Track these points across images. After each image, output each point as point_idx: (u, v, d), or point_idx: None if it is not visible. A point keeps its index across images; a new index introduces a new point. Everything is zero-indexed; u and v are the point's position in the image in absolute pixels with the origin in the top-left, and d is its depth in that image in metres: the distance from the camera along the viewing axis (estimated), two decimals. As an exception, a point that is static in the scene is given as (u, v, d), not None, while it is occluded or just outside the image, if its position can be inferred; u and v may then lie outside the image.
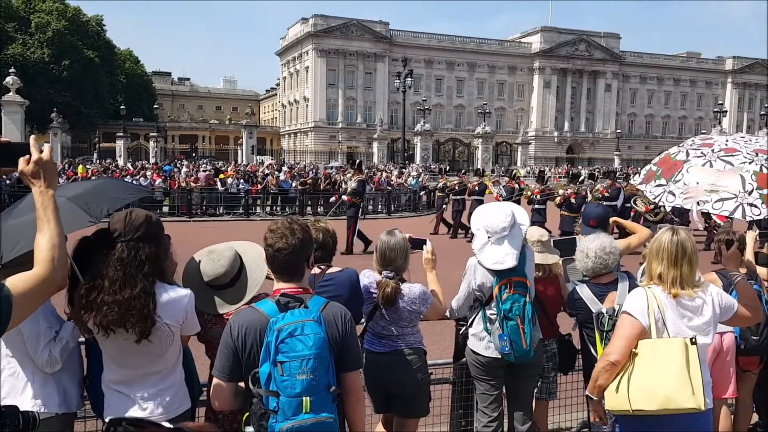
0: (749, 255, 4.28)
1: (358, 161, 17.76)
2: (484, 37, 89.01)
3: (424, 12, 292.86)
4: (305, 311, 2.33)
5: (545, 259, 4.08)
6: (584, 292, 3.81)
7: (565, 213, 14.23)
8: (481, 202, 16.38)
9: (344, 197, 15.16)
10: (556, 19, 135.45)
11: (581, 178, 17.68)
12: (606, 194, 16.00)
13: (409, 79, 40.55)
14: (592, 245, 3.77)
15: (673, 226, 3.10)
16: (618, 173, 21.95)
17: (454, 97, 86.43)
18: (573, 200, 14.23)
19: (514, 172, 18.19)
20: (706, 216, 14.99)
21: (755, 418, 4.85)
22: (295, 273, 2.47)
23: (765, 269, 4.52)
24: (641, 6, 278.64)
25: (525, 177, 27.77)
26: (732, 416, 4.45)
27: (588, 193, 16.87)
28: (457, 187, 17.40)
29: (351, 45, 78.94)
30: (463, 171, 43.62)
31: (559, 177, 45.37)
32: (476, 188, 16.81)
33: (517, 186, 16.40)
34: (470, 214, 16.72)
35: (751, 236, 4.35)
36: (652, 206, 14.26)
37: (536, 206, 15.26)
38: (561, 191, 15.29)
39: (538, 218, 14.72)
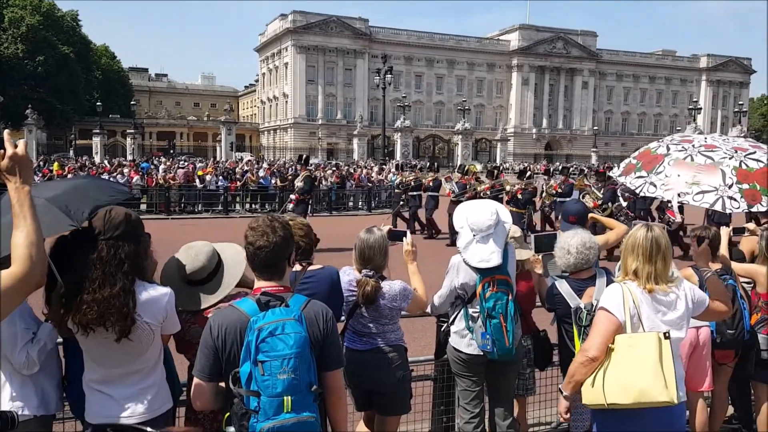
0: (723, 250, 4.36)
1: (305, 156, 17.48)
2: (463, 35, 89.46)
3: (404, 9, 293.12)
4: (286, 310, 2.31)
5: (519, 254, 4.10)
6: (563, 287, 3.84)
7: (513, 209, 13.96)
8: (435, 198, 16.41)
9: (292, 196, 14.89)
10: (534, 17, 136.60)
11: (528, 174, 17.54)
12: (559, 190, 15.86)
13: (389, 75, 40.55)
14: (572, 241, 3.80)
15: (648, 222, 3.14)
16: (572, 169, 21.88)
17: (434, 93, 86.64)
18: (520, 196, 14.11)
19: (466, 168, 18.02)
20: (660, 212, 15.25)
21: (731, 410, 4.92)
22: (276, 271, 2.45)
23: (740, 264, 4.60)
24: (617, 4, 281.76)
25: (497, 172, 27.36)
26: (708, 409, 4.52)
27: (543, 189, 16.80)
28: (412, 183, 17.24)
29: (330, 41, 78.69)
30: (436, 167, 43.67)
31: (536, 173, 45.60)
32: (431, 184, 16.65)
33: (474, 182, 16.23)
34: (426, 209, 16.75)
35: (725, 232, 4.43)
36: (599, 202, 14.29)
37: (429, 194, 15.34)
38: (508, 187, 15.24)
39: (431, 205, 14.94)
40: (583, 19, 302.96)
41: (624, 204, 15.12)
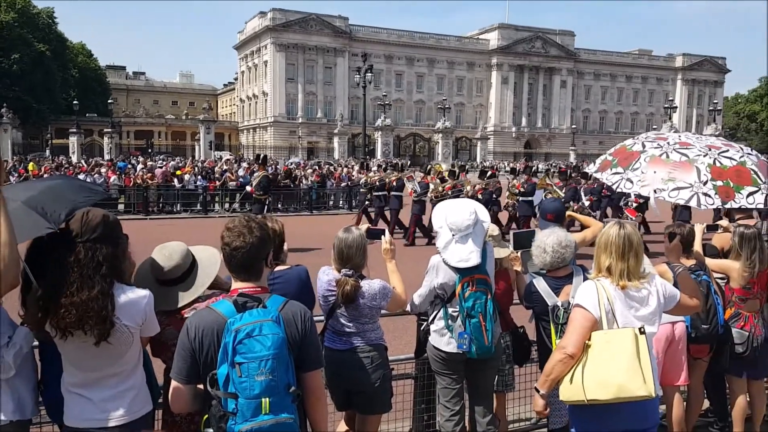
0: (698, 247, 4.43)
1: (262, 155, 17.32)
2: (443, 34, 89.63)
3: (384, 7, 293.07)
4: (263, 311, 2.30)
5: (497, 253, 4.13)
6: (541, 285, 3.87)
7: None
8: (399, 198, 16.19)
9: (247, 188, 14.70)
10: (513, 16, 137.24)
11: (489, 174, 17.47)
12: (522, 189, 15.79)
13: (370, 74, 40.53)
14: (549, 240, 3.83)
15: (620, 220, 3.18)
16: (534, 168, 21.86)
17: (414, 92, 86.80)
18: (480, 196, 13.94)
19: (429, 168, 17.96)
20: (619, 211, 15.42)
21: (707, 404, 5.01)
22: (253, 272, 2.43)
23: (713, 260, 4.68)
24: (594, 4, 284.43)
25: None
26: (684, 403, 4.58)
27: (508, 188, 16.72)
28: (377, 183, 17.04)
29: (310, 40, 78.42)
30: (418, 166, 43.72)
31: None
32: (394, 184, 16.41)
33: (437, 181, 16.15)
34: (392, 209, 16.61)
35: (699, 229, 4.50)
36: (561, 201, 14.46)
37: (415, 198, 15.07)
38: (468, 187, 15.17)
39: (416, 210, 14.70)
40: (561, 18, 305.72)
41: (586, 203, 15.26)
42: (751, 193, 3.88)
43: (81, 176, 20.19)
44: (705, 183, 3.83)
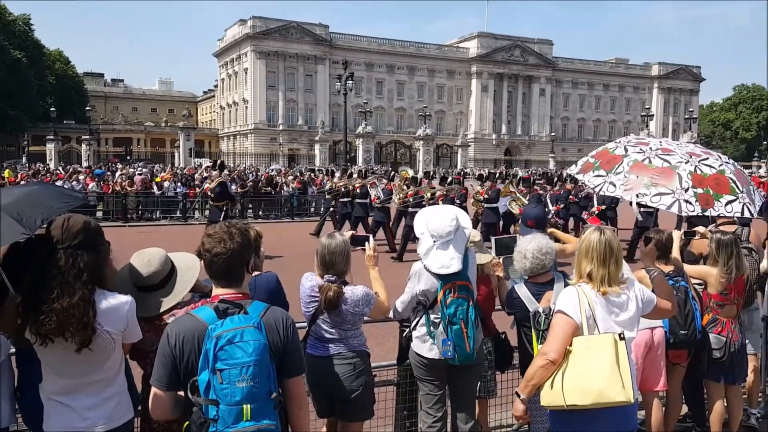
0: (676, 253, 4.48)
1: (219, 162, 17.10)
2: (423, 42, 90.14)
3: (364, 15, 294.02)
4: (245, 317, 2.28)
5: (479, 258, 4.14)
6: (522, 291, 3.89)
7: None
8: (364, 205, 15.99)
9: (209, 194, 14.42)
10: (493, 25, 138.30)
11: (449, 180, 17.31)
12: (486, 196, 15.57)
13: (350, 81, 40.53)
14: (529, 246, 3.86)
15: (600, 226, 3.21)
16: (498, 175, 21.63)
17: (395, 99, 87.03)
18: (441, 203, 13.56)
19: (392, 174, 17.87)
20: (579, 219, 15.47)
21: (685, 409, 5.06)
22: (234, 278, 2.42)
23: (691, 266, 4.74)
24: (572, 13, 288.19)
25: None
26: (663, 408, 4.62)
27: (473, 195, 16.60)
28: (342, 189, 16.91)
29: (291, 47, 78.32)
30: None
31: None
32: (358, 191, 16.25)
33: (405, 188, 15.98)
34: (354, 217, 16.27)
35: (677, 235, 4.55)
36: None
37: (410, 210, 14.64)
38: (428, 194, 14.91)
39: (411, 222, 13.98)
40: (540, 27, 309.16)
41: (552, 210, 15.32)
42: (729, 202, 3.94)
43: (59, 183, 19.91)
44: (686, 190, 3.87)
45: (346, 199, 16.55)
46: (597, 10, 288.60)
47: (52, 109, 53.66)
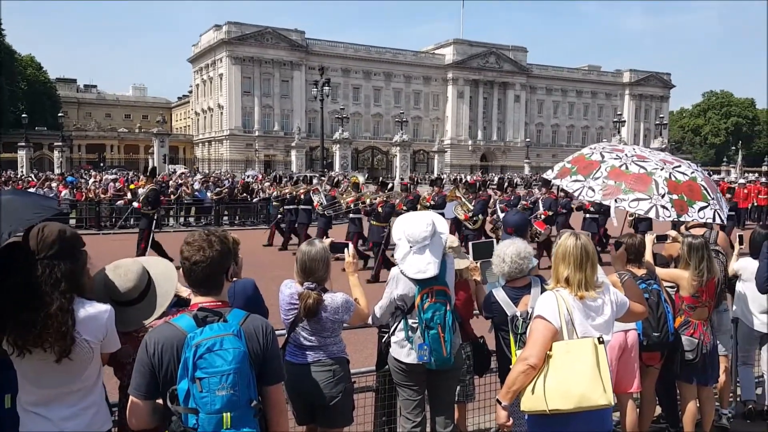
0: (648, 257, 4.57)
1: (150, 168, 16.85)
2: (399, 48, 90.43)
3: (340, 21, 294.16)
4: (224, 325, 2.27)
5: (457, 264, 4.16)
6: (500, 295, 3.93)
7: (374, 223, 13.41)
8: (308, 211, 15.75)
9: (134, 204, 14.22)
10: (468, 32, 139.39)
11: (389, 185, 17.03)
12: (432, 202, 15.38)
13: (327, 87, 40.49)
14: (508, 250, 3.90)
15: (574, 231, 3.26)
16: (444, 180, 21.46)
17: (372, 105, 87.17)
18: (380, 209, 13.41)
19: (336, 180, 17.70)
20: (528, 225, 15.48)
21: (658, 410, 5.14)
22: (213, 286, 2.41)
23: (663, 269, 4.83)
24: (545, 20, 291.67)
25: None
26: (637, 409, 4.70)
27: (419, 201, 16.23)
28: (288, 197, 16.66)
29: (266, 53, 78.03)
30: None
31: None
32: (302, 197, 16.03)
33: (352, 194, 15.78)
34: (298, 224, 15.71)
35: (649, 239, 4.63)
36: (470, 214, 14.22)
37: (351, 215, 14.57)
38: (368, 200, 14.68)
39: (353, 228, 14.21)
40: (515, 34, 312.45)
41: (501, 216, 15.39)
42: (701, 208, 4.03)
43: (30, 190, 19.55)
44: (663, 196, 3.95)
45: (291, 206, 16.28)
46: (569, 17, 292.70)
47: (23, 115, 52.61)
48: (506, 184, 19.77)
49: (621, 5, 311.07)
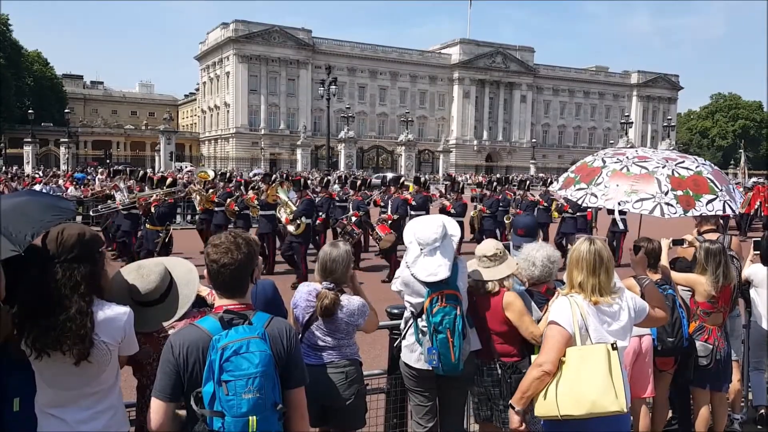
0: (664, 261, 4.54)
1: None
2: (405, 47, 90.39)
3: (346, 20, 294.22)
4: (250, 328, 2.27)
5: (495, 273, 3.83)
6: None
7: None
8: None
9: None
10: (474, 31, 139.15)
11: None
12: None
13: (333, 86, 40.56)
14: (538, 254, 3.87)
15: (590, 236, 3.23)
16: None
17: (377, 105, 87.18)
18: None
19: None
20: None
21: (671, 414, 5.12)
22: (239, 289, 2.41)
23: (679, 274, 4.79)
24: (553, 21, 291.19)
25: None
26: (650, 414, 4.68)
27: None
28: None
29: (273, 51, 78.13)
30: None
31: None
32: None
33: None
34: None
35: (665, 243, 4.61)
36: (291, 217, 13.12)
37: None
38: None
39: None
40: (523, 34, 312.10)
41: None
42: (710, 201, 3.99)
43: (37, 187, 19.59)
44: (666, 193, 3.92)
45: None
46: (577, 18, 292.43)
47: (29, 111, 52.87)
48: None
49: (629, 6, 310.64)
